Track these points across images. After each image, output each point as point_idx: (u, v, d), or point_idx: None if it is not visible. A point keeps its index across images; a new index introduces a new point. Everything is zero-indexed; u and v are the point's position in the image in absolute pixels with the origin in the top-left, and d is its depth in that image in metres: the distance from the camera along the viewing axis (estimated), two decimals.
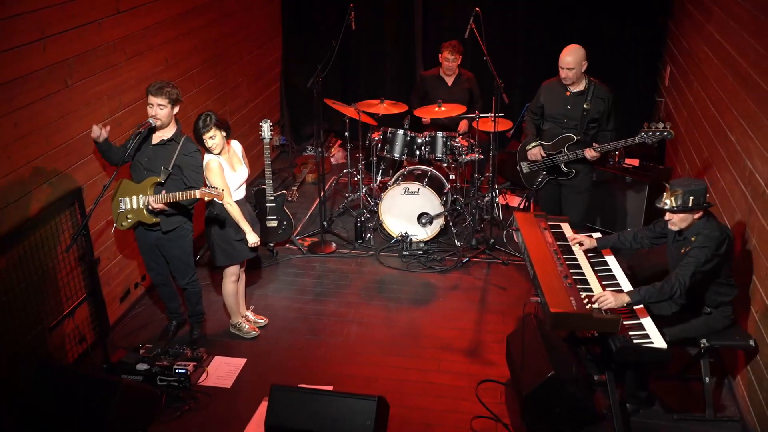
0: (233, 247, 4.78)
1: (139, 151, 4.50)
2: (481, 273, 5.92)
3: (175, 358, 4.67)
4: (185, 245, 4.73)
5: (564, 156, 5.22)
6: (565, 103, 5.18)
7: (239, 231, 4.73)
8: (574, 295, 3.93)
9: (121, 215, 4.49)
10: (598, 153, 5.06)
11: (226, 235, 4.75)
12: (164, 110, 4.40)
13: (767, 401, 3.89)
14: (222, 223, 4.72)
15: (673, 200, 3.91)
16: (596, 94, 5.10)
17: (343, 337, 5.10)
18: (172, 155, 4.46)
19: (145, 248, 4.76)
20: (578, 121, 5.14)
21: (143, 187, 4.43)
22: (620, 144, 4.99)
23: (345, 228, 6.62)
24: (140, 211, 4.45)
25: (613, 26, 7.39)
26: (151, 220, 4.46)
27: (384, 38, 8.10)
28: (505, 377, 4.62)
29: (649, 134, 4.79)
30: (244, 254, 4.86)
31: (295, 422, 3.89)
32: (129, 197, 4.46)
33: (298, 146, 8.48)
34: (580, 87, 5.13)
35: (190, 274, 4.84)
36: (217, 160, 4.60)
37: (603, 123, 5.17)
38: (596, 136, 5.19)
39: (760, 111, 4.32)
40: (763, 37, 4.41)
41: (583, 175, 5.31)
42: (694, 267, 3.82)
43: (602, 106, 5.11)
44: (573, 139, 5.17)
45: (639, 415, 4.29)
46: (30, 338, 4.27)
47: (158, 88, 4.37)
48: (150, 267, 4.86)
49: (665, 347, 3.78)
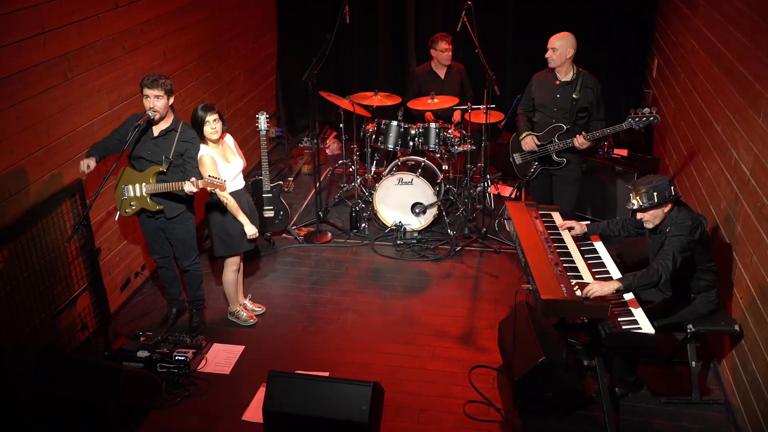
0: (232, 238, 4.84)
1: (140, 143, 4.57)
2: (473, 261, 6.02)
3: (175, 346, 4.76)
4: (190, 228, 4.87)
5: (555, 145, 5.31)
6: (554, 92, 5.26)
7: (238, 222, 4.80)
8: (564, 282, 4.02)
9: (125, 202, 4.60)
10: (587, 141, 5.15)
11: (224, 226, 4.80)
12: (161, 101, 4.46)
13: (751, 384, 4.01)
14: (221, 212, 4.78)
15: (639, 199, 4.03)
16: (585, 84, 5.19)
17: (338, 325, 5.19)
18: (173, 143, 4.55)
19: (149, 232, 4.85)
20: (567, 110, 5.23)
21: (146, 175, 4.53)
22: (608, 131, 5.09)
23: (340, 218, 6.71)
24: (143, 198, 4.57)
25: (601, 19, 7.51)
26: (154, 208, 4.58)
27: (377, 32, 8.16)
28: (497, 363, 4.72)
29: (635, 120, 4.87)
30: (244, 246, 4.92)
31: (292, 408, 3.97)
32: (132, 185, 4.57)
33: (294, 138, 8.54)
34: (568, 77, 5.21)
35: (193, 256, 4.96)
36: (210, 154, 4.62)
37: (593, 112, 5.26)
38: (586, 126, 5.27)
39: (744, 102, 4.42)
40: (748, 30, 4.50)
41: (574, 165, 5.41)
42: (672, 253, 3.91)
43: (591, 95, 5.20)
44: (563, 129, 5.25)
45: (627, 399, 4.40)
46: (33, 326, 4.35)
47: (153, 80, 4.42)
48: (153, 250, 4.95)
49: (653, 333, 3.87)
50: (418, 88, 6.79)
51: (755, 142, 4.18)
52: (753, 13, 4.43)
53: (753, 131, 4.22)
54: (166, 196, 4.63)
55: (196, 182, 4.38)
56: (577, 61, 5.21)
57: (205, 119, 4.56)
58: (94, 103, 4.84)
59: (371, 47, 8.25)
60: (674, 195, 4.01)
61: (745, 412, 4.06)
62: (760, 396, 3.84)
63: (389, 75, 8.24)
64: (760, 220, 4.01)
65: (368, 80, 8.06)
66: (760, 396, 3.84)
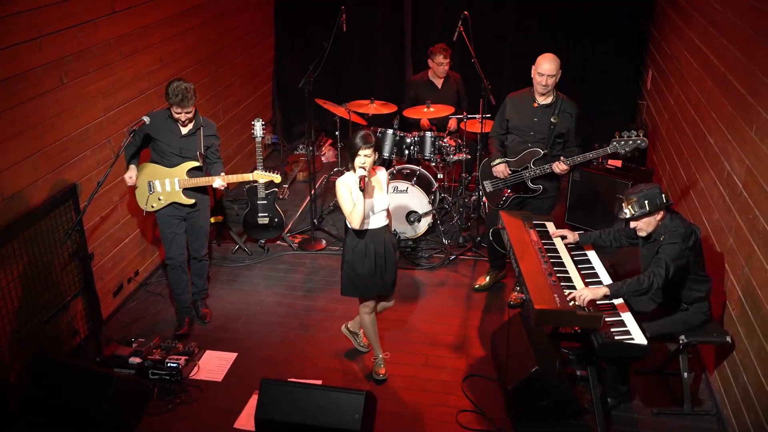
0: (360, 279, 4.40)
1: (165, 142, 4.72)
2: (467, 270, 6.03)
3: (167, 352, 4.75)
4: (208, 215, 5.14)
5: (531, 171, 5.01)
6: (532, 115, 4.97)
7: (365, 265, 4.35)
8: (557, 292, 4.02)
9: (152, 197, 4.76)
10: (567, 166, 4.88)
11: (353, 264, 4.37)
12: (191, 113, 4.67)
13: (742, 396, 4.02)
14: (353, 250, 4.36)
15: (631, 208, 4.05)
16: (563, 109, 4.91)
17: (332, 333, 5.18)
18: (200, 139, 4.77)
19: (171, 227, 4.92)
20: (545, 135, 4.94)
21: (180, 170, 4.74)
22: (590, 155, 4.81)
23: (335, 225, 6.70)
24: (176, 193, 4.77)
25: (597, 31, 7.55)
26: (189, 201, 4.81)
27: (374, 40, 8.19)
28: (490, 372, 4.72)
29: (621, 143, 4.63)
30: (374, 290, 4.46)
31: (284, 416, 3.97)
32: (161, 180, 4.74)
33: (290, 145, 8.56)
34: (548, 100, 4.94)
35: (206, 245, 5.21)
36: (348, 183, 4.22)
37: (569, 138, 4.97)
38: (562, 153, 4.99)
39: (737, 115, 4.45)
40: (741, 42, 4.53)
41: (549, 193, 5.12)
42: (665, 261, 3.93)
43: (569, 121, 4.92)
44: (539, 154, 4.97)
45: (619, 409, 4.40)
46: (25, 331, 4.33)
47: (181, 99, 4.54)
48: (171, 249, 4.98)
49: (645, 343, 3.88)
50: (414, 96, 6.81)
51: (747, 155, 4.21)
52: (746, 26, 4.47)
53: (745, 143, 4.25)
54: (192, 190, 4.83)
55: (226, 177, 4.74)
56: (575, 73, 5.15)
57: (358, 151, 4.13)
58: (89, 108, 4.84)
59: (368, 55, 8.28)
60: (666, 202, 4.03)
61: (736, 424, 4.07)
62: (751, 407, 3.86)
63: (386, 83, 8.26)
64: (752, 231, 4.03)
65: (364, 88, 8.08)
66: (751, 407, 3.86)
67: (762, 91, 4.05)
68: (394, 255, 4.43)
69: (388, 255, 4.38)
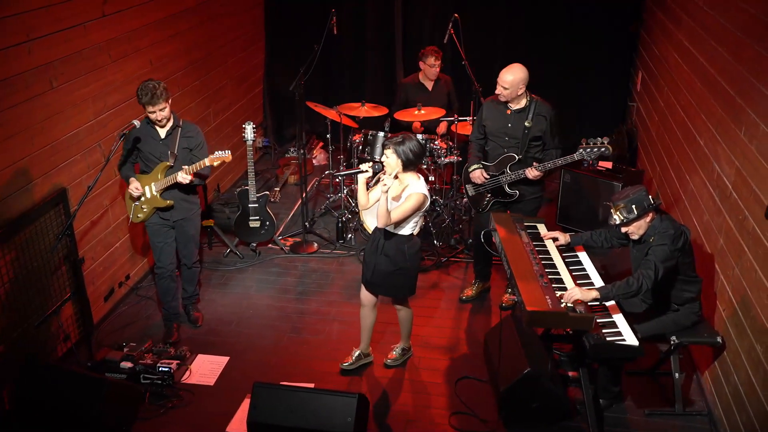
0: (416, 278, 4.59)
1: (150, 148, 4.69)
2: (459, 272, 6.03)
3: (159, 357, 4.73)
4: (198, 224, 5.08)
5: (507, 176, 5.01)
6: (506, 120, 4.98)
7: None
8: (549, 293, 4.03)
9: (136, 208, 4.73)
10: (539, 172, 4.87)
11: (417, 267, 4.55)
12: (166, 110, 4.60)
13: (733, 396, 4.04)
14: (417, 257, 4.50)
15: (619, 214, 4.07)
16: (537, 112, 4.90)
17: (324, 335, 5.18)
18: (176, 139, 4.71)
19: (160, 236, 4.90)
20: (519, 139, 4.94)
21: (154, 174, 4.68)
22: (560, 162, 4.87)
23: (326, 228, 6.71)
24: (155, 198, 4.71)
25: (587, 34, 7.58)
26: (165, 203, 4.73)
27: (365, 43, 8.20)
28: (482, 374, 4.73)
29: (587, 150, 4.75)
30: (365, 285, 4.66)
31: (277, 419, 3.97)
32: (143, 187, 4.70)
33: (281, 148, 8.55)
34: (520, 104, 4.93)
35: (196, 253, 5.16)
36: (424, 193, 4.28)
37: (547, 141, 4.97)
38: (541, 155, 5.01)
39: (727, 116, 4.47)
40: (730, 44, 4.56)
41: (530, 198, 5.11)
42: (654, 263, 3.95)
43: (544, 123, 4.92)
44: (514, 159, 4.97)
45: (611, 410, 4.41)
46: (16, 336, 4.31)
47: (151, 96, 4.48)
48: (161, 258, 4.96)
49: (637, 344, 3.89)
50: (405, 99, 6.81)
51: (737, 156, 4.23)
52: (736, 29, 4.50)
53: (735, 145, 4.28)
54: (179, 197, 4.79)
55: (188, 169, 4.60)
56: (564, 74, 5.18)
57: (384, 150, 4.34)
58: (79, 112, 4.82)
59: (359, 58, 8.29)
60: (653, 204, 4.05)
61: (728, 424, 4.09)
62: (742, 407, 3.88)
63: (376, 86, 8.27)
64: (742, 232, 4.06)
65: (355, 91, 8.09)
66: (742, 407, 3.88)
67: (751, 93, 4.08)
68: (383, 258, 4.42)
69: (377, 257, 4.45)
